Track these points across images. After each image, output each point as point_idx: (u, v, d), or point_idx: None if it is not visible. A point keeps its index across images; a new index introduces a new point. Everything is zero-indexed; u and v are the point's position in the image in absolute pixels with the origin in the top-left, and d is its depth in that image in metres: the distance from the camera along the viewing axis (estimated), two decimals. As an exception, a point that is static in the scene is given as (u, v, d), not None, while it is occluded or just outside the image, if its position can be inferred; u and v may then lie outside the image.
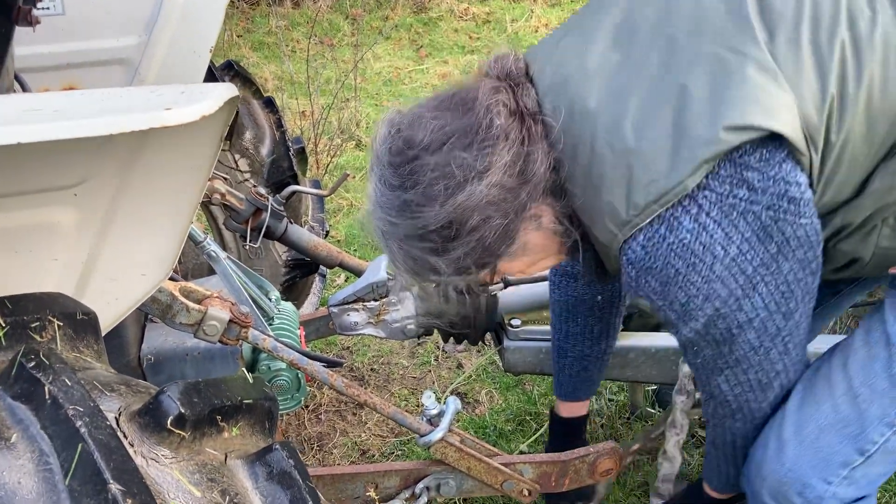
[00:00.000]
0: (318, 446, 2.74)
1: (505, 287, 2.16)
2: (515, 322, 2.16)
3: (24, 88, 1.68)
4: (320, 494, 0.96)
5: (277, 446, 0.96)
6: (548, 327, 2.20)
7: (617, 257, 1.39)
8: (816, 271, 1.36)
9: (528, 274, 1.54)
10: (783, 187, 1.26)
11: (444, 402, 1.88)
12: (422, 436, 1.82)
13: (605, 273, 1.53)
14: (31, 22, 1.45)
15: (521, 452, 2.63)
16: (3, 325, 0.91)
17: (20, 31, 1.45)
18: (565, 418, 2.12)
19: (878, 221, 1.37)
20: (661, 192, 1.27)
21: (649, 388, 2.76)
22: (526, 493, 1.94)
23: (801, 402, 1.49)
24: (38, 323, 0.95)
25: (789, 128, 1.24)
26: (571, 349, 1.98)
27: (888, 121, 1.28)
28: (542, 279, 2.21)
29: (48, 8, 2.09)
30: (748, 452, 1.58)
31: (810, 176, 1.29)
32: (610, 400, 2.88)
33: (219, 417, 0.95)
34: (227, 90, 0.97)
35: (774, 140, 1.25)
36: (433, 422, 1.85)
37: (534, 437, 2.70)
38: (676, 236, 1.29)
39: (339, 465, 2.65)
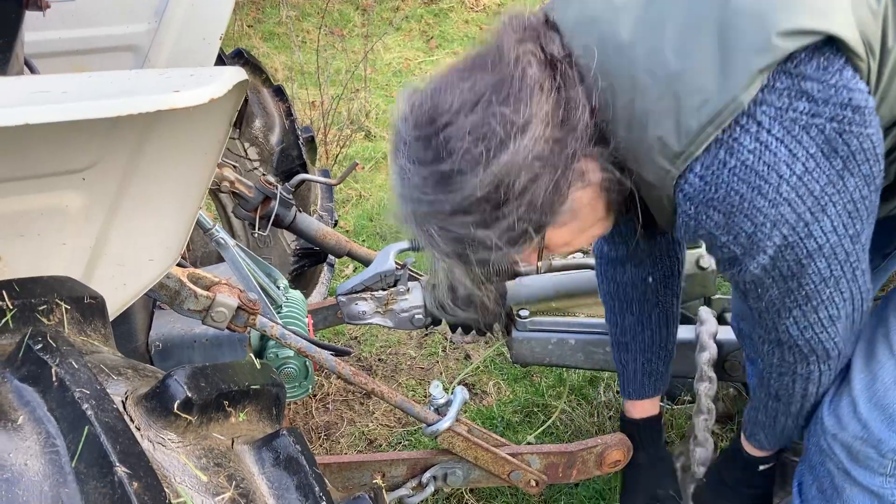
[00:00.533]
0: (325, 435, 2.75)
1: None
2: (524, 313, 2.15)
3: (35, 73, 1.68)
4: (326, 480, 0.96)
5: (284, 432, 0.95)
6: (555, 318, 2.20)
7: (671, 198, 1.31)
8: (879, 187, 1.30)
9: (574, 246, 1.46)
10: (846, 96, 1.19)
11: (452, 393, 1.88)
12: (429, 425, 1.82)
13: (653, 230, 1.47)
14: (41, 7, 1.45)
15: (529, 444, 2.63)
16: (11, 307, 0.91)
17: (30, 16, 1.45)
18: (637, 420, 1.97)
19: None
20: (714, 111, 1.19)
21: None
22: (533, 483, 1.94)
23: (865, 360, 1.50)
24: (45, 306, 0.95)
25: (847, 30, 1.18)
26: (631, 342, 1.88)
27: None
28: (553, 269, 2.21)
29: (58, -7, 2.09)
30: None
31: (868, 85, 1.23)
32: (618, 393, 2.87)
33: (226, 402, 0.95)
34: (235, 74, 0.97)
35: (831, 46, 1.19)
36: (440, 411, 1.84)
37: (541, 429, 2.70)
38: (738, 158, 1.22)
39: (346, 454, 2.65)
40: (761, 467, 1.76)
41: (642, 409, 1.97)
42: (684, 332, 2.13)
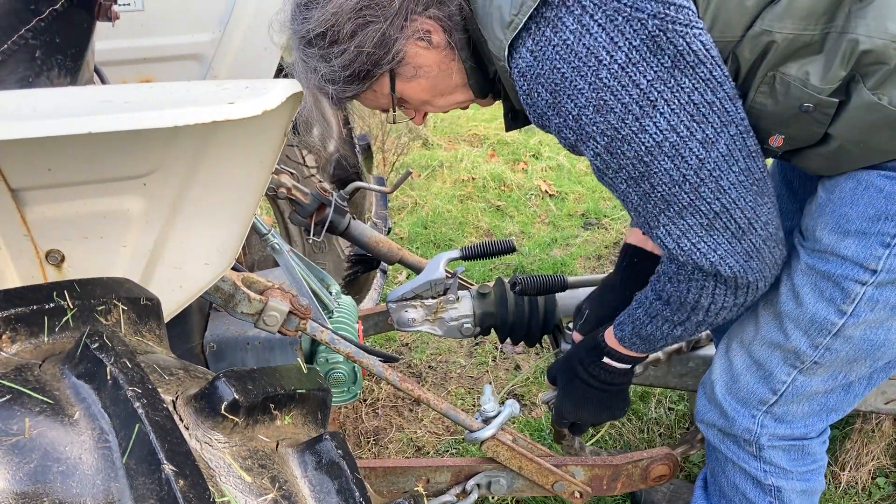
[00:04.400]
0: (373, 440, 2.77)
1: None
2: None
3: (104, 81, 1.74)
4: (367, 486, 0.98)
5: (327, 436, 0.97)
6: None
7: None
8: (734, 97, 1.31)
9: (437, 107, 1.58)
10: None
11: (503, 404, 1.88)
12: (472, 432, 1.83)
13: (519, 117, 1.57)
14: (111, 17, 1.50)
15: (576, 456, 2.61)
16: (72, 307, 0.95)
17: (100, 26, 1.50)
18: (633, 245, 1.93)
19: (758, 76, 1.32)
20: None
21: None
22: (577, 495, 1.93)
23: (726, 348, 1.70)
24: (103, 306, 0.99)
25: None
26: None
27: None
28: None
29: (128, 4, 2.17)
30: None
31: (696, 4, 1.28)
32: (670, 409, 2.84)
33: (272, 405, 0.98)
34: (290, 86, 1.00)
35: None
36: (487, 422, 1.85)
37: (590, 444, 2.68)
38: (560, 38, 1.29)
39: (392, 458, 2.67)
40: (606, 359, 1.74)
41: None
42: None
